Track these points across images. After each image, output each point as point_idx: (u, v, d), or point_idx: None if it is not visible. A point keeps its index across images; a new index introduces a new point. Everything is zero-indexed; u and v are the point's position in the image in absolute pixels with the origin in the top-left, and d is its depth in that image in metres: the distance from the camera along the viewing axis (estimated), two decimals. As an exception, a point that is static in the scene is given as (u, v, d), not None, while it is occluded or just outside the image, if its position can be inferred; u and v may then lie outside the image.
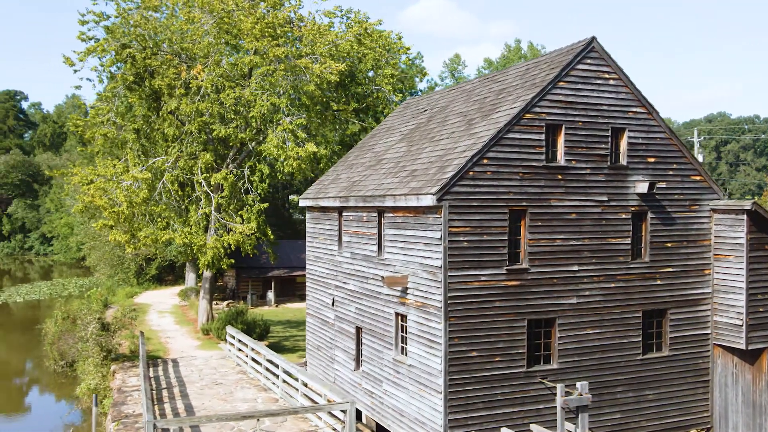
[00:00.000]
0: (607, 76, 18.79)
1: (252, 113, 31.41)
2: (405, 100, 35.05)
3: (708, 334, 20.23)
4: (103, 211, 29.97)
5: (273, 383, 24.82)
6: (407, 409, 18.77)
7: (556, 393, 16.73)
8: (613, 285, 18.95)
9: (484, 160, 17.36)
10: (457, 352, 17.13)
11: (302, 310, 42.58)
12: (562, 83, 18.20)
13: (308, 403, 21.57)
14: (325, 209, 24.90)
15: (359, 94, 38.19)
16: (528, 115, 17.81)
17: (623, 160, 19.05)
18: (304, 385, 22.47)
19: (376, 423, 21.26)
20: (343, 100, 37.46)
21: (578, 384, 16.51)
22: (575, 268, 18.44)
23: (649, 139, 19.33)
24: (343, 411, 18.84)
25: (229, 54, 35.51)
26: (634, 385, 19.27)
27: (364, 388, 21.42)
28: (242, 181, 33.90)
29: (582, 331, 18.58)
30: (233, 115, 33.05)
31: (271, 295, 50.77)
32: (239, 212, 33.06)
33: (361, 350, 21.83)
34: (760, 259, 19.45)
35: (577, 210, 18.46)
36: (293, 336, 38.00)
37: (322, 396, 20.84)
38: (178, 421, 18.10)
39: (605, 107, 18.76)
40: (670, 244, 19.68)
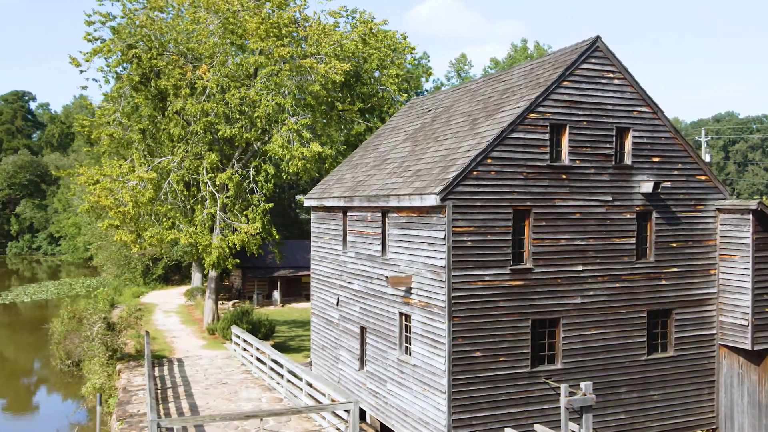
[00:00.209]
0: (612, 75, 18.72)
1: (257, 113, 31.46)
2: (410, 100, 35.02)
3: (713, 334, 20.13)
4: (109, 211, 30.08)
5: (277, 383, 24.84)
6: (411, 408, 18.75)
7: (560, 393, 16.70)
8: (617, 285, 18.87)
9: (488, 160, 17.32)
10: (461, 352, 17.10)
11: (308, 310, 42.57)
12: (566, 83, 18.15)
13: (312, 403, 21.58)
14: (329, 209, 24.91)
15: (364, 94, 38.22)
16: (532, 115, 17.77)
17: (628, 160, 18.97)
18: (309, 384, 22.47)
19: (381, 423, 21.26)
20: (348, 100, 37.49)
21: (582, 384, 16.48)
22: (579, 268, 18.38)
23: (653, 139, 19.25)
24: (347, 411, 18.84)
25: (234, 54, 35.56)
26: (639, 385, 19.19)
27: (369, 388, 21.41)
28: (247, 181, 33.97)
29: (586, 332, 18.51)
30: (238, 115, 33.13)
31: (277, 294, 50.84)
32: (244, 212, 33.14)
33: (366, 350, 21.83)
34: (766, 259, 19.34)
35: (582, 210, 18.39)
36: (299, 336, 38.05)
37: (326, 396, 20.84)
38: (182, 421, 18.15)
39: (610, 107, 18.69)
40: (675, 244, 19.59)
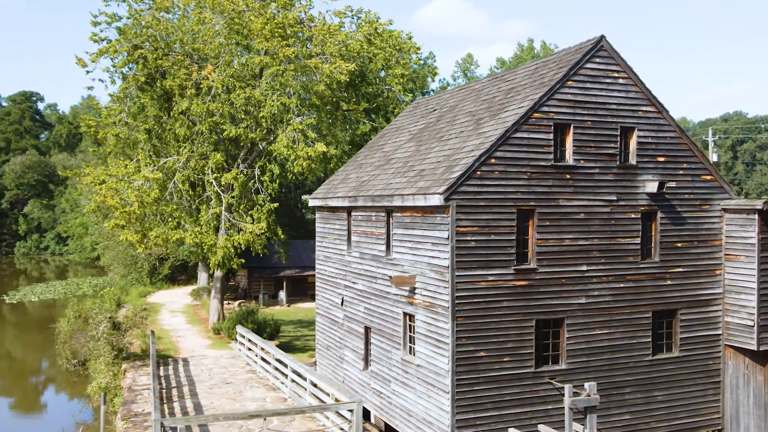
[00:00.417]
0: (616, 75, 18.65)
1: (262, 113, 31.49)
2: (416, 99, 35.00)
3: (719, 334, 20.03)
4: (115, 211, 30.16)
5: (282, 383, 24.87)
6: (415, 408, 18.74)
7: (565, 393, 16.64)
8: (622, 285, 18.80)
9: (492, 160, 17.29)
10: (465, 352, 17.07)
11: (314, 309, 42.53)
12: (570, 82, 18.09)
13: (317, 403, 21.58)
14: (334, 209, 24.91)
15: (369, 93, 38.20)
16: (536, 115, 17.72)
17: (632, 160, 18.90)
18: (313, 384, 22.48)
19: (385, 423, 21.24)
20: (353, 100, 37.48)
21: (587, 385, 16.41)
22: (584, 268, 18.32)
23: (658, 139, 19.17)
24: (350, 410, 18.83)
25: (239, 54, 35.62)
26: (644, 386, 19.11)
27: (373, 388, 21.40)
28: (252, 181, 34.00)
29: (591, 332, 18.45)
30: (244, 115, 33.15)
31: (283, 294, 50.85)
32: (249, 212, 33.16)
33: (370, 350, 21.82)
34: (772, 260, 19.24)
35: (586, 210, 18.34)
36: (304, 336, 38.06)
37: (330, 396, 20.85)
38: (186, 420, 18.19)
39: (614, 106, 18.62)
40: (680, 244, 19.50)
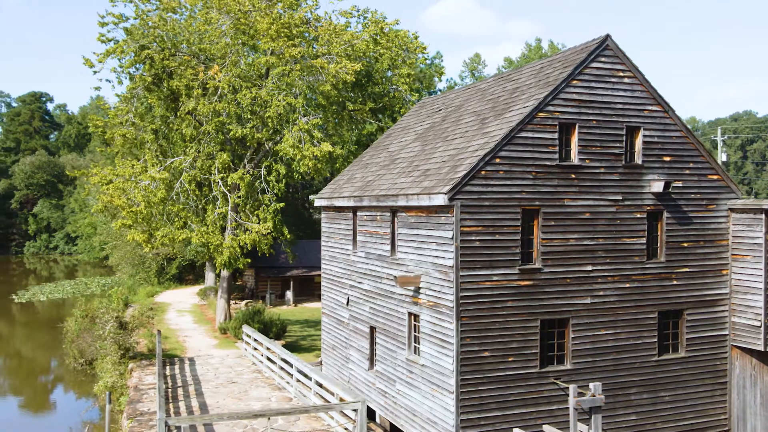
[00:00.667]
0: (622, 74, 18.57)
1: (268, 113, 31.53)
2: (422, 99, 34.98)
3: (726, 335, 19.92)
4: (122, 211, 30.29)
5: (287, 382, 24.90)
6: (420, 408, 18.71)
7: (569, 394, 16.59)
8: (628, 285, 18.72)
9: (497, 160, 17.25)
10: (469, 352, 17.04)
11: (320, 309, 42.67)
12: (575, 81, 18.03)
13: (321, 403, 21.59)
14: (339, 209, 24.92)
15: (376, 93, 38.19)
16: (541, 114, 17.66)
17: (638, 159, 18.81)
18: (318, 384, 22.50)
19: (390, 423, 21.23)
20: (359, 99, 37.48)
21: (591, 385, 16.36)
22: (589, 268, 18.25)
23: (664, 138, 19.08)
24: (354, 410, 18.83)
25: (246, 54, 35.68)
26: (650, 386, 19.02)
27: (378, 388, 21.39)
28: (259, 181, 34.06)
29: (596, 332, 18.38)
30: (250, 116, 33.22)
31: (290, 294, 50.91)
32: (256, 212, 33.22)
33: (375, 350, 21.81)
34: (780, 260, 19.10)
35: (591, 209, 18.26)
36: (310, 335, 38.10)
37: (334, 395, 20.86)
38: (190, 419, 18.23)
39: (620, 105, 18.54)
40: (686, 244, 19.40)
